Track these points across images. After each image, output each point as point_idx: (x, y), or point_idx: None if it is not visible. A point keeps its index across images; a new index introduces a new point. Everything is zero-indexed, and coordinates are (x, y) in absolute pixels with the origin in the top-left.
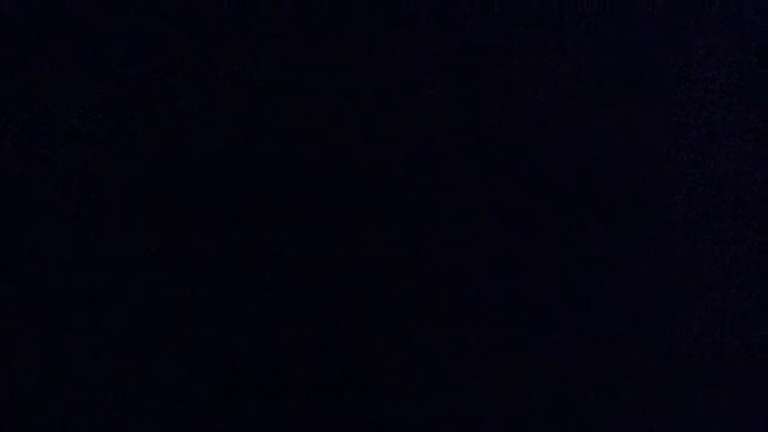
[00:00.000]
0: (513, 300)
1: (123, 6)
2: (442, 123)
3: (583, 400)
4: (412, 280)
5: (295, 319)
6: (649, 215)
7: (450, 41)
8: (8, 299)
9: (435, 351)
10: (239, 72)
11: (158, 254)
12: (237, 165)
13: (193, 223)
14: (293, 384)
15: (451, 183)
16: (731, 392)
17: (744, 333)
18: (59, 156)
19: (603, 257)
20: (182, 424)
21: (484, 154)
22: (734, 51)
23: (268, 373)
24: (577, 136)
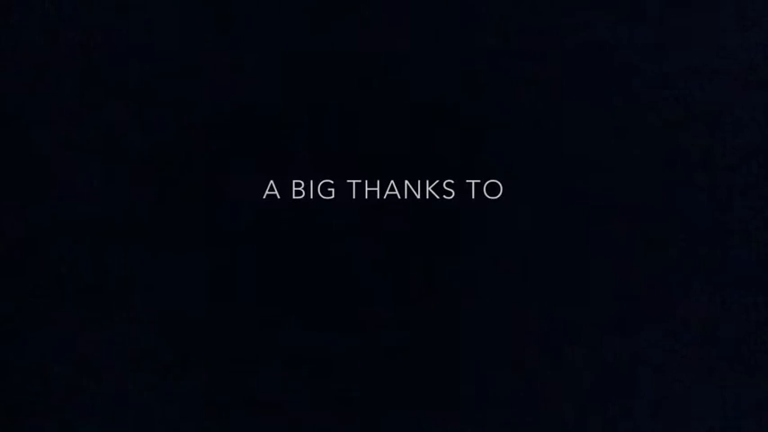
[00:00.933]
0: (512, 300)
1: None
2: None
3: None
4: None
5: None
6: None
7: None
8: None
9: (434, 352)
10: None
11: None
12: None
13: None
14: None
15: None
16: (731, 394)
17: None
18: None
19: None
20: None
21: (484, 155)
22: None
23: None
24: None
